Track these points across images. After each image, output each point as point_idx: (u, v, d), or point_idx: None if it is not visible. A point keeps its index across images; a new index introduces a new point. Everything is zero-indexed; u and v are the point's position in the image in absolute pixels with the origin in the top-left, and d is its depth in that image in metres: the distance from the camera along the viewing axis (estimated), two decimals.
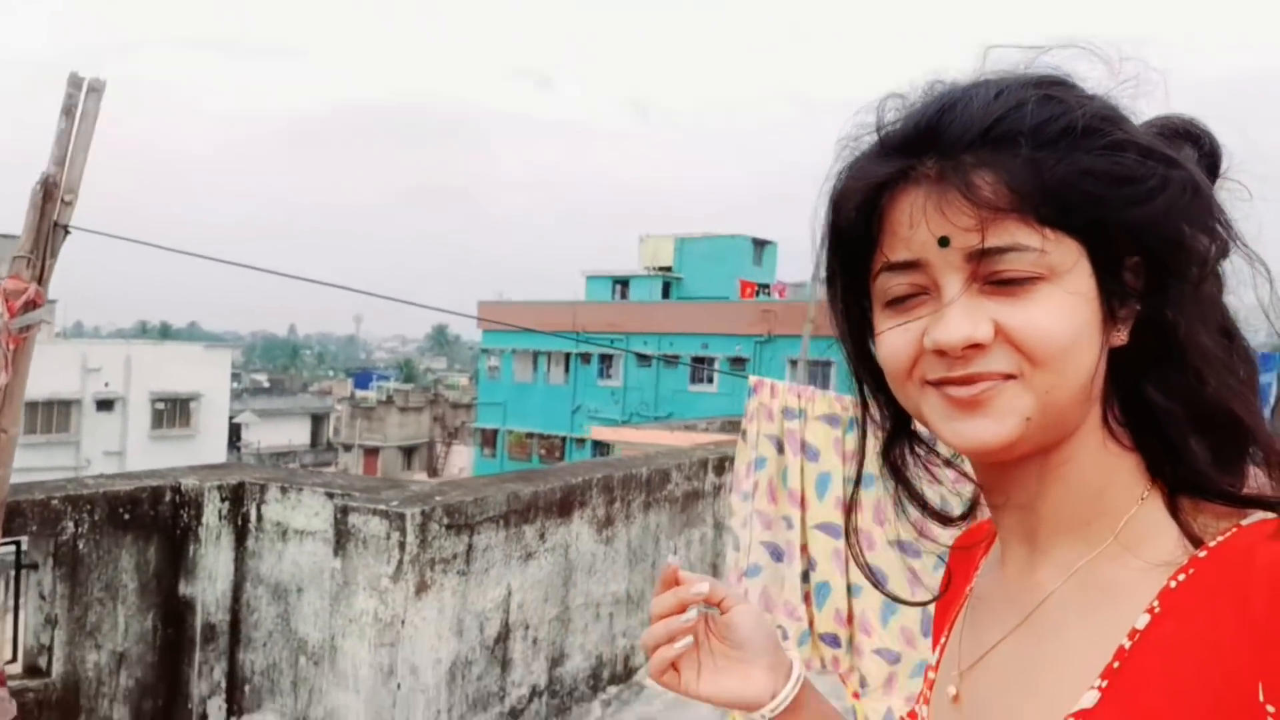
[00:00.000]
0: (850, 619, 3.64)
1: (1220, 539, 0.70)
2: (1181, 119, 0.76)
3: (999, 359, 0.71)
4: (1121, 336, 0.74)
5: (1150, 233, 0.71)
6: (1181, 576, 0.69)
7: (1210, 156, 0.75)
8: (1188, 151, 0.74)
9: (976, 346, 0.71)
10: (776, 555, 3.69)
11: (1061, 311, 0.70)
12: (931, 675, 0.91)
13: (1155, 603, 0.69)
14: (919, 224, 0.73)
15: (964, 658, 0.84)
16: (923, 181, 0.73)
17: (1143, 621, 0.69)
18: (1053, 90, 0.72)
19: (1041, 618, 0.77)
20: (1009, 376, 0.71)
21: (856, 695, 3.62)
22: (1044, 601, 0.77)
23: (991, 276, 0.71)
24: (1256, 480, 0.72)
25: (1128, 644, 0.69)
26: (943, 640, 0.92)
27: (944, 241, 0.72)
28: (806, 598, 3.67)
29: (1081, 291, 0.71)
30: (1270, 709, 0.62)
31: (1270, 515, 0.70)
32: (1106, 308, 0.72)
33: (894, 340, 0.76)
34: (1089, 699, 0.70)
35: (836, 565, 3.64)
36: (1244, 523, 0.70)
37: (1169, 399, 0.73)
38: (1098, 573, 0.74)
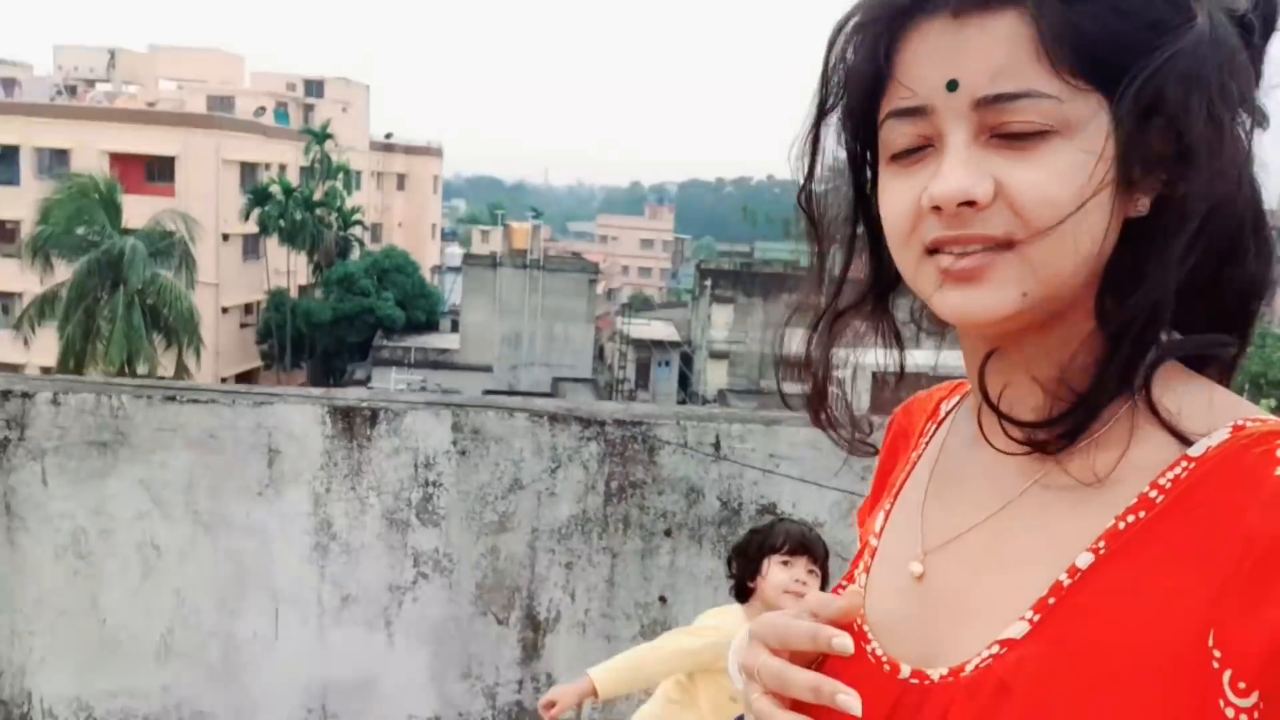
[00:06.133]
0: None
1: (1213, 442, 0.65)
2: None
3: (995, 221, 0.66)
4: (1143, 205, 0.68)
5: (1180, 89, 0.64)
6: (1171, 474, 0.65)
7: (1268, 18, 0.69)
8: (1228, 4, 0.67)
9: (972, 204, 0.66)
10: None
11: (1071, 172, 0.64)
12: (874, 542, 0.84)
13: (1153, 493, 0.66)
14: (927, 66, 0.68)
15: (929, 536, 0.78)
16: (937, 20, 0.67)
17: (1123, 524, 0.66)
18: None
19: (1024, 507, 0.72)
20: (1005, 244, 0.66)
21: None
22: (1027, 489, 0.72)
23: (1000, 129, 0.66)
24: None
25: (1103, 547, 0.66)
26: (885, 505, 0.86)
27: (952, 85, 0.66)
28: None
29: (1096, 151, 0.65)
30: (1217, 654, 0.59)
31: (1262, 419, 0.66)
32: (1124, 172, 0.65)
33: (895, 199, 0.71)
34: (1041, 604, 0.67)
35: None
36: (1241, 421, 0.66)
37: (1173, 277, 0.66)
38: (1085, 462, 0.69)
